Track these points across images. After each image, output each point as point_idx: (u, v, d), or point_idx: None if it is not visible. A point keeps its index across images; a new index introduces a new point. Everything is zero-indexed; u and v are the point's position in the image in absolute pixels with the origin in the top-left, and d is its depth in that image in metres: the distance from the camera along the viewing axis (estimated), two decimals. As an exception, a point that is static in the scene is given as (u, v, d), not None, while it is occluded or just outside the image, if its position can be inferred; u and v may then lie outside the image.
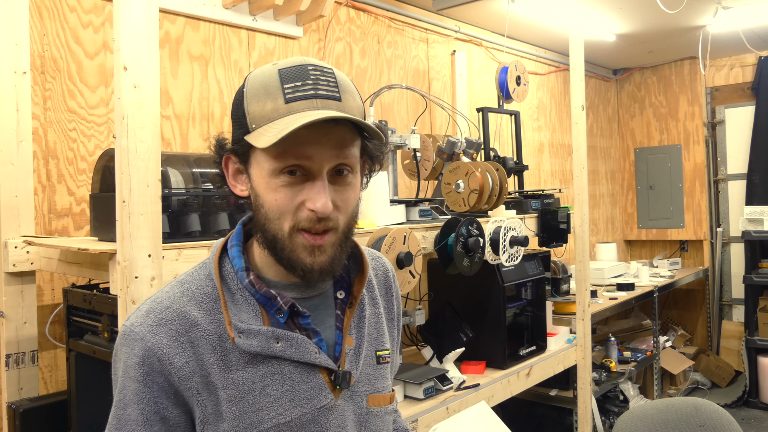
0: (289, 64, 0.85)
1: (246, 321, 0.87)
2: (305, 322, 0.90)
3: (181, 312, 0.85)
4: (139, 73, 1.36)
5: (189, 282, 0.90)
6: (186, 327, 0.85)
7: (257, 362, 0.86)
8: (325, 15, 2.61)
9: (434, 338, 2.53)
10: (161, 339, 0.83)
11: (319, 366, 0.89)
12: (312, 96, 0.83)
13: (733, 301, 5.13)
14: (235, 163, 0.90)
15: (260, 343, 0.86)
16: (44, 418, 1.73)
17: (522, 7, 3.46)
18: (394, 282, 1.10)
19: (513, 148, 3.46)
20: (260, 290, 0.88)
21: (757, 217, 4.57)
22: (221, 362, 0.85)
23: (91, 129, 2.13)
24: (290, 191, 0.84)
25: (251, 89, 0.85)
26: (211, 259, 0.91)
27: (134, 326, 0.85)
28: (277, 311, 0.88)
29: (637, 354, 4.04)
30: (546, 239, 2.88)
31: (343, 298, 0.96)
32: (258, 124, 0.83)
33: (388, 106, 3.19)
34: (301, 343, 0.88)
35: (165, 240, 1.43)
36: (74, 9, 2.10)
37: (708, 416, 1.79)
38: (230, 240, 0.94)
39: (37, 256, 1.84)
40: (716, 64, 5.14)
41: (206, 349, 0.84)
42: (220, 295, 0.87)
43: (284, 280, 0.91)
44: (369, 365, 0.97)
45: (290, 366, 0.87)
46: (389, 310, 1.07)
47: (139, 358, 0.83)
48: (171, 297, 0.87)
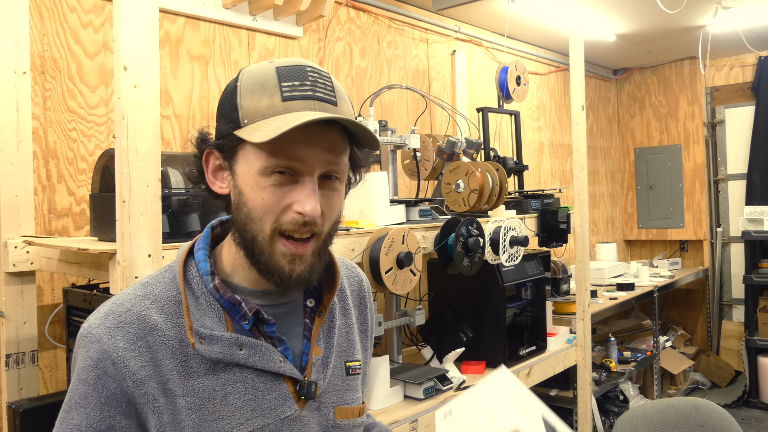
0: (287, 63, 0.83)
1: (208, 326, 0.84)
2: (270, 330, 0.87)
3: (141, 315, 0.82)
4: (139, 73, 1.35)
5: (152, 285, 0.87)
6: (145, 331, 0.81)
7: (219, 369, 0.83)
8: (325, 15, 2.61)
9: (434, 338, 2.53)
10: (118, 342, 0.80)
11: (284, 375, 0.86)
12: (310, 97, 0.81)
13: (733, 301, 5.13)
14: (217, 158, 0.87)
15: (222, 349, 0.83)
16: (44, 418, 1.73)
17: (522, 7, 3.45)
18: (368, 294, 1.07)
19: (513, 148, 3.46)
20: (225, 295, 0.85)
21: (757, 217, 4.57)
22: (181, 368, 0.82)
23: (91, 129, 2.13)
24: (278, 191, 0.81)
25: (246, 84, 0.83)
26: (177, 262, 0.88)
27: (92, 327, 0.82)
28: (241, 317, 0.85)
29: (637, 354, 4.03)
30: (546, 239, 2.88)
31: (312, 306, 0.93)
32: (251, 119, 0.81)
33: (388, 106, 3.19)
34: (265, 350, 0.85)
35: (165, 240, 1.43)
36: (74, 9, 2.10)
37: (708, 416, 1.79)
38: (197, 243, 0.91)
39: (37, 256, 1.84)
40: (716, 64, 5.14)
41: (165, 355, 0.81)
42: (183, 299, 0.84)
43: (253, 287, 0.89)
44: (337, 376, 0.94)
45: (253, 374, 0.85)
46: (362, 321, 1.04)
47: (93, 360, 0.80)
48: (132, 299, 0.84)
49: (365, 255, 1.93)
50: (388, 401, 2.10)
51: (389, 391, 2.11)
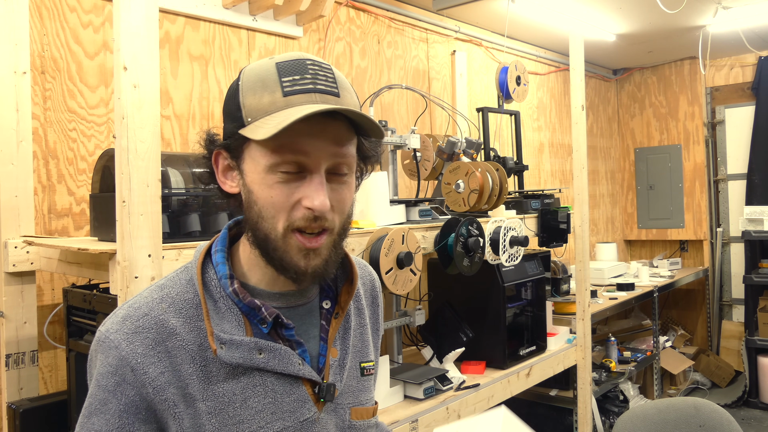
0: (287, 58, 0.83)
1: (228, 331, 0.83)
2: (289, 334, 0.87)
3: (159, 320, 0.82)
4: (139, 73, 1.35)
5: (169, 287, 0.86)
6: (163, 336, 0.81)
7: (239, 374, 0.83)
8: (325, 15, 2.61)
9: (434, 338, 2.53)
10: (136, 348, 0.80)
11: (303, 378, 0.87)
12: (311, 90, 0.80)
13: (733, 301, 5.13)
14: (226, 158, 0.86)
15: (243, 354, 0.83)
16: (44, 418, 1.73)
17: (522, 7, 3.45)
18: (379, 292, 1.07)
19: (513, 148, 3.46)
20: (244, 300, 0.85)
21: (757, 217, 4.57)
22: (201, 373, 0.82)
23: (91, 129, 2.13)
24: (286, 188, 0.80)
25: (247, 82, 0.83)
26: (194, 264, 0.87)
27: (110, 333, 0.81)
28: (260, 321, 0.85)
29: (637, 354, 4.03)
30: (546, 239, 2.88)
31: (329, 308, 0.93)
32: (254, 117, 0.80)
33: (388, 106, 3.19)
34: (284, 354, 0.85)
35: (165, 240, 1.43)
36: (74, 9, 2.10)
37: (708, 416, 1.79)
38: (215, 244, 0.90)
39: (37, 256, 1.84)
40: (716, 64, 5.14)
41: (184, 360, 0.81)
42: (203, 303, 0.84)
43: (269, 288, 0.88)
44: (353, 377, 0.94)
45: (273, 378, 0.85)
46: (374, 320, 1.04)
47: (112, 366, 0.80)
48: (149, 303, 0.83)
49: (365, 255, 1.94)
50: (388, 401, 2.10)
51: (389, 391, 2.11)
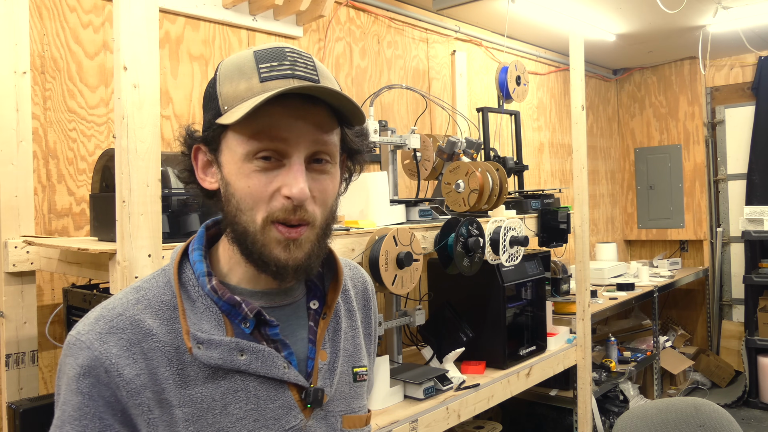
0: (265, 47, 0.80)
1: (207, 331, 0.78)
2: (273, 333, 0.81)
3: (135, 320, 0.77)
4: (139, 73, 1.35)
5: (146, 289, 0.81)
6: (139, 336, 0.76)
7: (218, 377, 0.77)
8: (325, 15, 2.61)
9: (434, 338, 2.53)
10: (110, 348, 0.74)
11: (288, 382, 0.81)
12: (289, 76, 0.77)
13: (733, 301, 5.13)
14: (205, 153, 0.83)
15: (222, 355, 0.77)
16: (44, 418, 1.73)
17: (522, 7, 3.46)
18: (372, 296, 1.02)
19: (513, 148, 3.46)
20: (223, 297, 0.80)
21: (757, 217, 4.57)
22: (177, 377, 0.76)
23: (91, 129, 2.13)
24: (264, 177, 0.77)
25: (224, 72, 0.80)
26: (171, 265, 0.83)
27: (80, 334, 0.76)
28: (242, 320, 0.80)
29: (637, 354, 4.03)
30: (546, 239, 2.88)
31: (316, 308, 0.88)
32: (231, 105, 0.77)
33: (388, 106, 3.19)
34: (268, 356, 0.79)
35: (165, 240, 1.43)
36: (74, 9, 2.10)
37: (708, 416, 1.79)
38: (191, 244, 0.86)
39: (37, 256, 1.84)
40: (716, 64, 5.14)
41: (161, 362, 0.76)
42: (179, 302, 0.79)
43: (251, 287, 0.84)
44: (345, 383, 0.89)
45: (255, 382, 0.79)
46: (367, 324, 0.99)
47: (83, 368, 0.73)
48: (124, 304, 0.78)
49: (365, 255, 1.93)
50: (388, 401, 2.10)
51: (389, 391, 2.11)
